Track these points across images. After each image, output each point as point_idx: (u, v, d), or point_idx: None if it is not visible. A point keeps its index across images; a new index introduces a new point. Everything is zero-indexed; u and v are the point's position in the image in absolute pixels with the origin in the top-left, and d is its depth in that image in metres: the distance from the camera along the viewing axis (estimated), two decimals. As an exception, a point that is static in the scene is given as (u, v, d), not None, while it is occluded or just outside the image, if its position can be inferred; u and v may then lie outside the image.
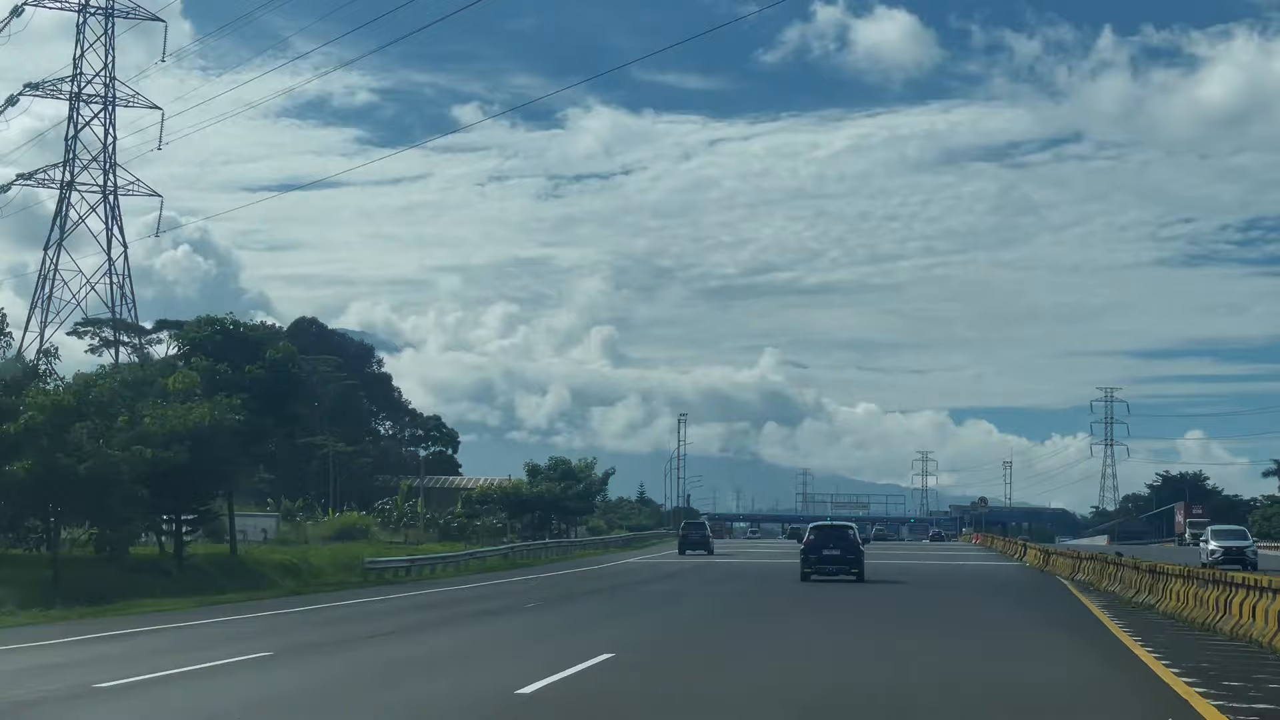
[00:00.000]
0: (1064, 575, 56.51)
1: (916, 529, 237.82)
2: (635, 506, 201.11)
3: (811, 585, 49.00)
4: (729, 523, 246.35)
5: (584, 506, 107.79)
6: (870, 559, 56.51)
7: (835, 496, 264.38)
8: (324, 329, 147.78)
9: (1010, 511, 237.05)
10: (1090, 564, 51.10)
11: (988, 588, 50.45)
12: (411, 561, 57.46)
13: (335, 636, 27.53)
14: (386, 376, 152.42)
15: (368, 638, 27.09)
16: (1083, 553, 57.99)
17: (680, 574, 60.99)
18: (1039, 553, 71.49)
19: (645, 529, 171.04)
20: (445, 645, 25.48)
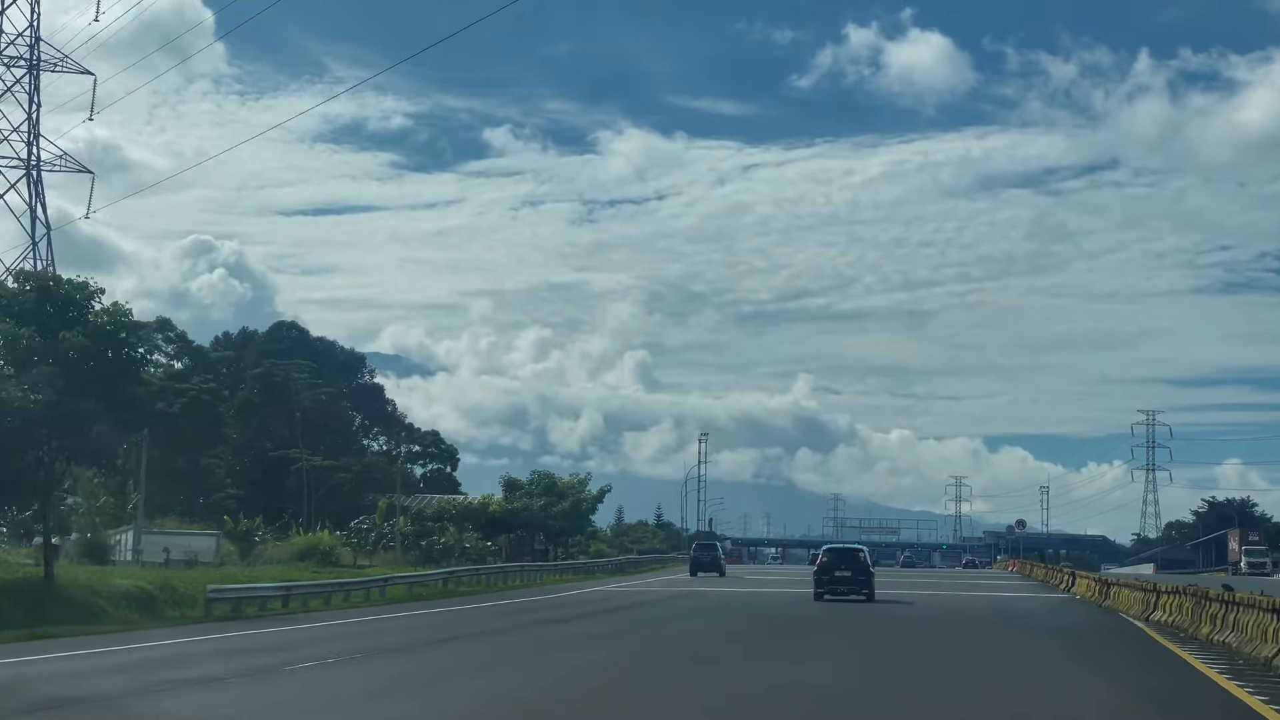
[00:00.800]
0: (1133, 614, 42.64)
1: (949, 555, 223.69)
2: (651, 529, 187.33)
3: (795, 626, 37.27)
4: (754, 548, 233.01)
5: (572, 526, 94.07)
6: (892, 588, 54.83)
7: (864, 521, 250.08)
8: (305, 334, 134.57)
9: (1047, 538, 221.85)
10: (1176, 600, 37.01)
11: (1036, 631, 36.73)
12: (286, 591, 43.84)
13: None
14: (378, 388, 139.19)
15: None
16: (1160, 584, 43.81)
17: (648, 605, 48.32)
18: (1092, 582, 57.45)
19: (656, 552, 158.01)
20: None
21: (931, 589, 67.75)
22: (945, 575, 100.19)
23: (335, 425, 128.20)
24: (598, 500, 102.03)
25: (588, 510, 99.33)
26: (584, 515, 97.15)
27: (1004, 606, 51.15)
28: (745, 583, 73.88)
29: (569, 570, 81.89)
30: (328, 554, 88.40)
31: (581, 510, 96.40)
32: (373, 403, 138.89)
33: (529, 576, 72.55)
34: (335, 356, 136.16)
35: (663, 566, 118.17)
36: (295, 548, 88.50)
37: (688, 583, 71.17)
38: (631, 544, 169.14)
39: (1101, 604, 50.29)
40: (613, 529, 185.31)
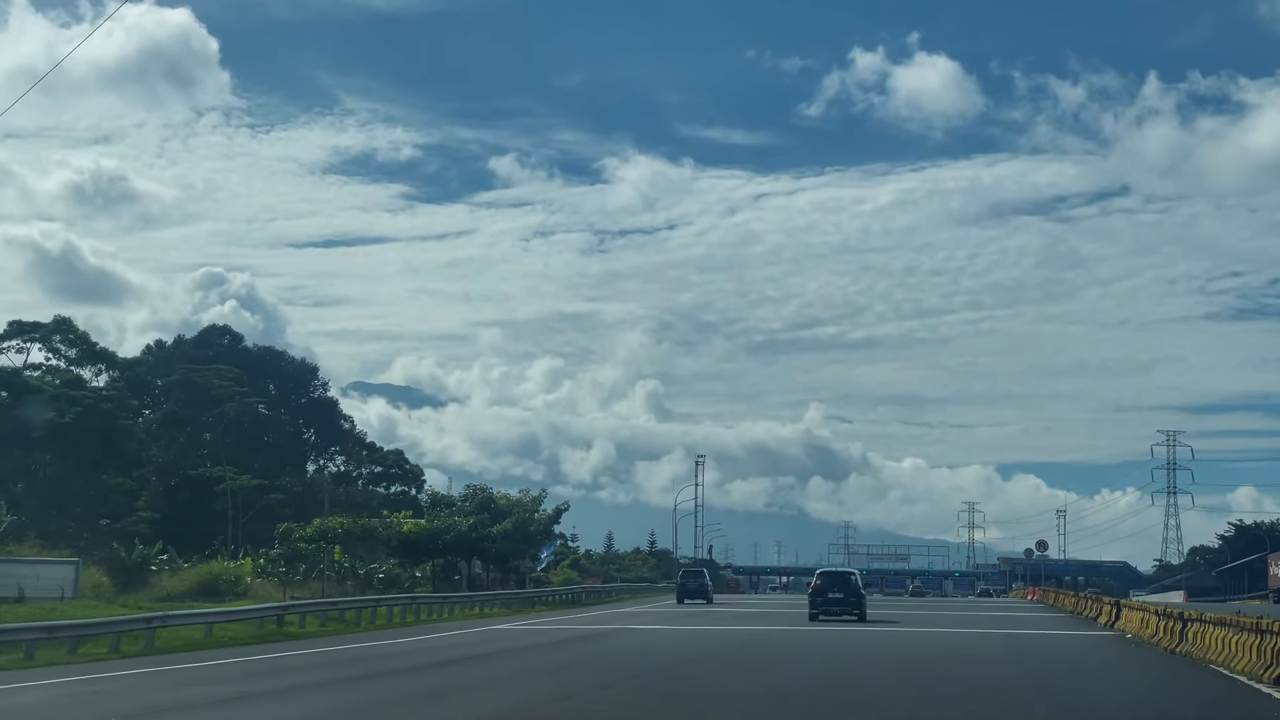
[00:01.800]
0: (1239, 670, 26.46)
1: (962, 583, 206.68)
2: (642, 557, 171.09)
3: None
4: (757, 576, 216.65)
5: (515, 549, 77.86)
6: (890, 623, 50.10)
7: (871, 548, 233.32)
8: (238, 339, 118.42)
9: (1065, 565, 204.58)
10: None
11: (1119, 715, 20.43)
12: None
13: None
14: (330, 403, 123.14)
15: None
16: (1270, 621, 27.26)
17: (518, 654, 32.48)
18: (1150, 616, 41.05)
19: (645, 580, 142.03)
20: None
21: (936, 623, 51.63)
22: (957, 606, 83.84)
23: (275, 441, 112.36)
24: (553, 520, 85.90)
25: (540, 531, 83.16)
26: (533, 537, 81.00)
27: (1034, 654, 34.78)
28: (718, 617, 58.04)
29: (496, 602, 65.70)
30: (235, 584, 73.15)
31: (530, 532, 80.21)
32: (325, 418, 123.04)
33: (432, 610, 56.39)
34: (282, 367, 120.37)
35: (635, 596, 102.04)
36: (194, 578, 73.35)
37: (637, 618, 55.78)
38: (617, 571, 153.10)
39: (1175, 649, 34.02)
40: (601, 556, 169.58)
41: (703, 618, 56.73)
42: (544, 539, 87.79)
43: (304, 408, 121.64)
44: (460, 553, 73.66)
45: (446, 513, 74.85)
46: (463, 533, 71.38)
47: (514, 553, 78.31)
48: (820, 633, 43.21)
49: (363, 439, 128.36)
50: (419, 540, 70.21)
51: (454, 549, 72.37)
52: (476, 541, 72.56)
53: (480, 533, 72.56)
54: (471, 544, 72.48)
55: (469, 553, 73.98)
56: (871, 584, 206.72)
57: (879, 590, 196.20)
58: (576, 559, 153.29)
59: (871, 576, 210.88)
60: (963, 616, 61.87)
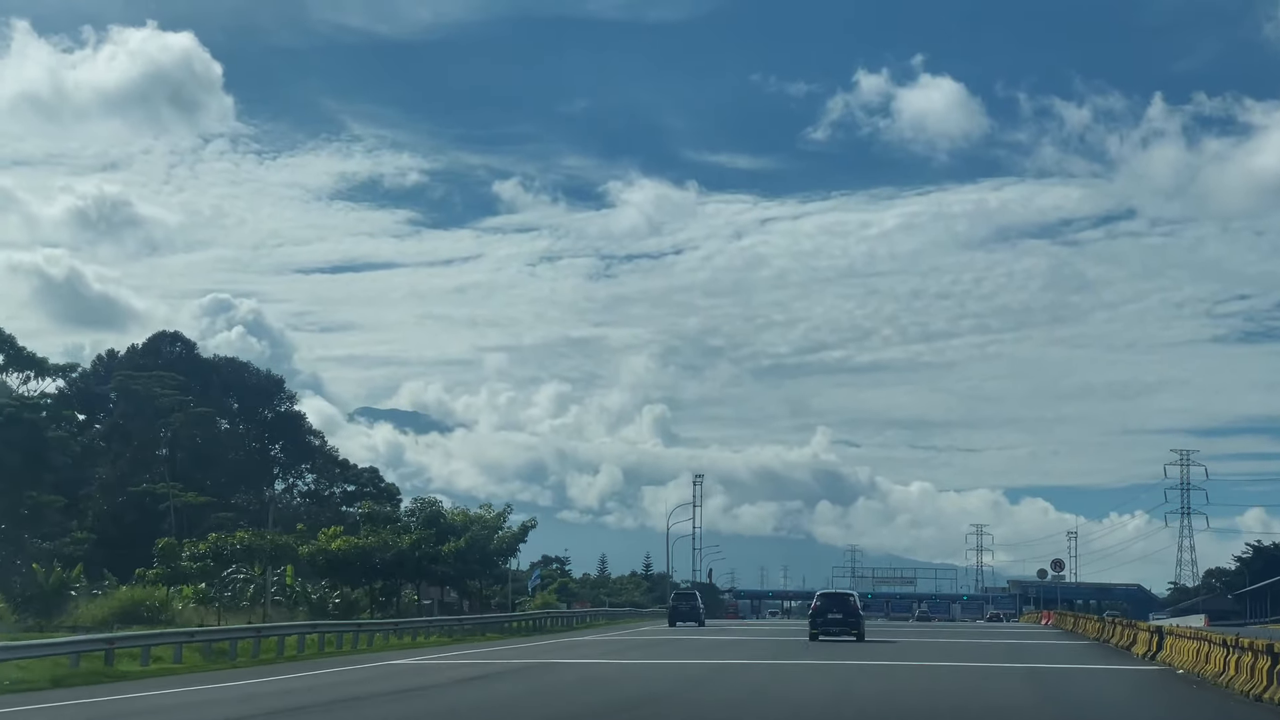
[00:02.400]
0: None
1: (970, 607, 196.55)
2: (634, 581, 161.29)
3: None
4: (758, 600, 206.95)
5: (469, 570, 68.38)
6: (886, 653, 42.55)
7: (877, 571, 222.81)
8: (191, 347, 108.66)
9: (1077, 588, 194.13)
10: None
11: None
12: None
13: None
14: (297, 417, 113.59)
15: None
16: None
17: (370, 702, 23.54)
18: (1210, 648, 31.33)
19: (633, 605, 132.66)
20: None
21: (940, 653, 42.04)
22: (966, 632, 73.95)
23: (234, 457, 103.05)
24: (519, 538, 76.30)
25: (502, 550, 73.72)
26: (491, 557, 71.57)
27: (1075, 706, 25.14)
28: (690, 645, 48.62)
29: (435, 629, 56.10)
30: (159, 610, 63.64)
31: (489, 551, 70.73)
32: (292, 434, 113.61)
33: (343, 640, 46.82)
34: (245, 379, 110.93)
35: (616, 621, 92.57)
36: (114, 605, 63.96)
37: (586, 648, 46.42)
38: (606, 596, 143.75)
39: (1265, 695, 24.37)
40: (592, 580, 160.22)
41: (672, 646, 47.28)
42: (507, 558, 78.51)
43: (270, 423, 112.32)
44: (404, 574, 64.06)
45: (390, 529, 65.19)
46: (403, 551, 61.69)
47: (469, 574, 68.81)
48: (789, 669, 33.71)
49: (334, 455, 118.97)
50: (348, 560, 60.50)
51: (395, 570, 62.70)
52: (421, 562, 62.88)
53: (424, 551, 62.88)
54: (416, 565, 62.81)
55: (414, 574, 64.37)
56: (876, 608, 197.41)
57: (884, 615, 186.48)
58: (565, 583, 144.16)
59: (877, 600, 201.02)
60: (973, 645, 52.12)
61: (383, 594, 64.74)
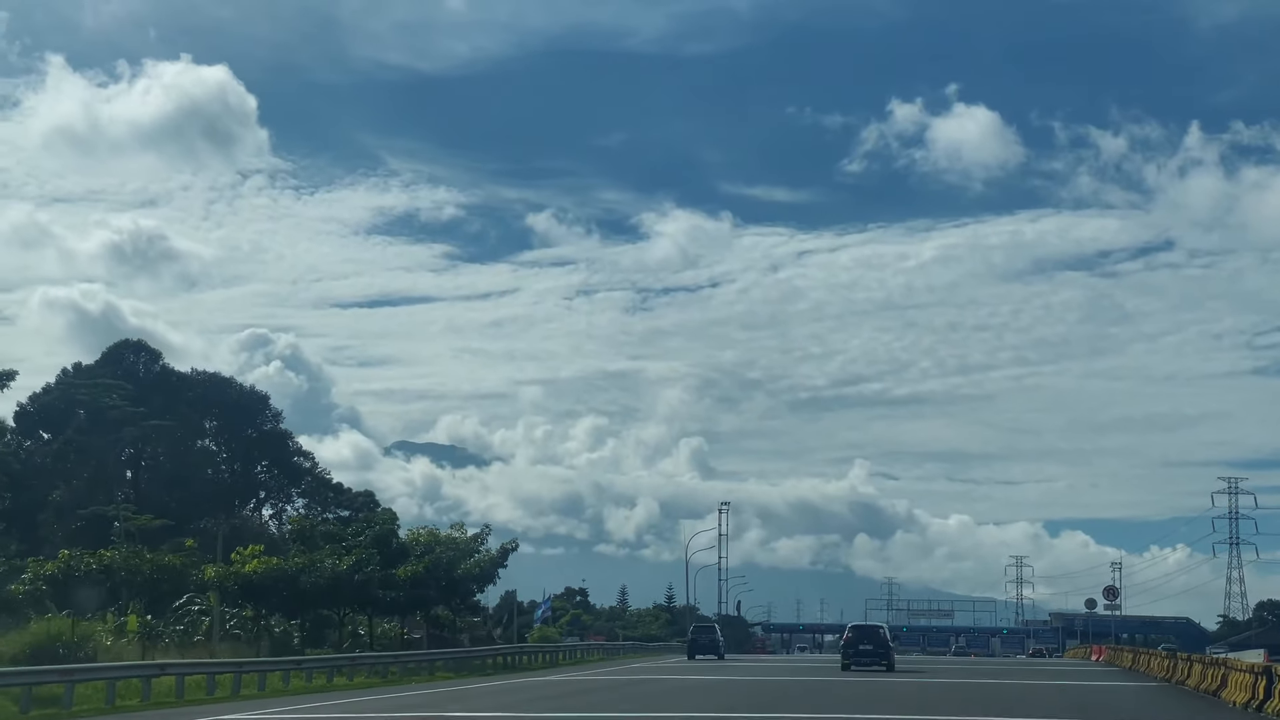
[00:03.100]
0: None
1: (1010, 641, 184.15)
2: (652, 614, 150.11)
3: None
4: (789, 633, 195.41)
5: (427, 597, 57.79)
6: (919, 697, 35.00)
7: (913, 604, 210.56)
8: (156, 357, 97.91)
9: (1122, 621, 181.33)
10: None
11: None
12: None
13: None
14: (282, 436, 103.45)
15: None
16: None
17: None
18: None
19: (653, 638, 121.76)
20: None
21: (982, 700, 31.32)
22: (1008, 669, 62.79)
23: (200, 477, 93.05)
24: (498, 562, 65.64)
25: (478, 575, 63.14)
26: (461, 583, 61.07)
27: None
28: (663, 691, 37.84)
29: (363, 668, 45.57)
30: (79, 645, 53.39)
31: (457, 576, 60.22)
32: (278, 454, 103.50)
33: (215, 684, 36.55)
34: (225, 395, 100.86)
35: (615, 657, 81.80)
36: (28, 639, 53.78)
37: (508, 694, 35.60)
38: (621, 629, 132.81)
39: None
40: (606, 612, 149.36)
41: (636, 690, 36.73)
42: (484, 584, 67.83)
43: (253, 442, 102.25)
44: (342, 602, 53.59)
45: (329, 549, 54.70)
46: (340, 575, 51.14)
47: (427, 601, 58.30)
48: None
49: (326, 478, 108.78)
50: (264, 585, 49.98)
51: (330, 597, 52.20)
52: (363, 587, 52.33)
53: (368, 575, 52.35)
54: (357, 590, 52.27)
55: (355, 601, 53.86)
56: (911, 642, 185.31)
57: (919, 649, 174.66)
58: (578, 615, 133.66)
59: (913, 634, 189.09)
60: (1019, 688, 41.15)
61: (321, 624, 54.31)
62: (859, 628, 59.19)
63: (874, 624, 66.11)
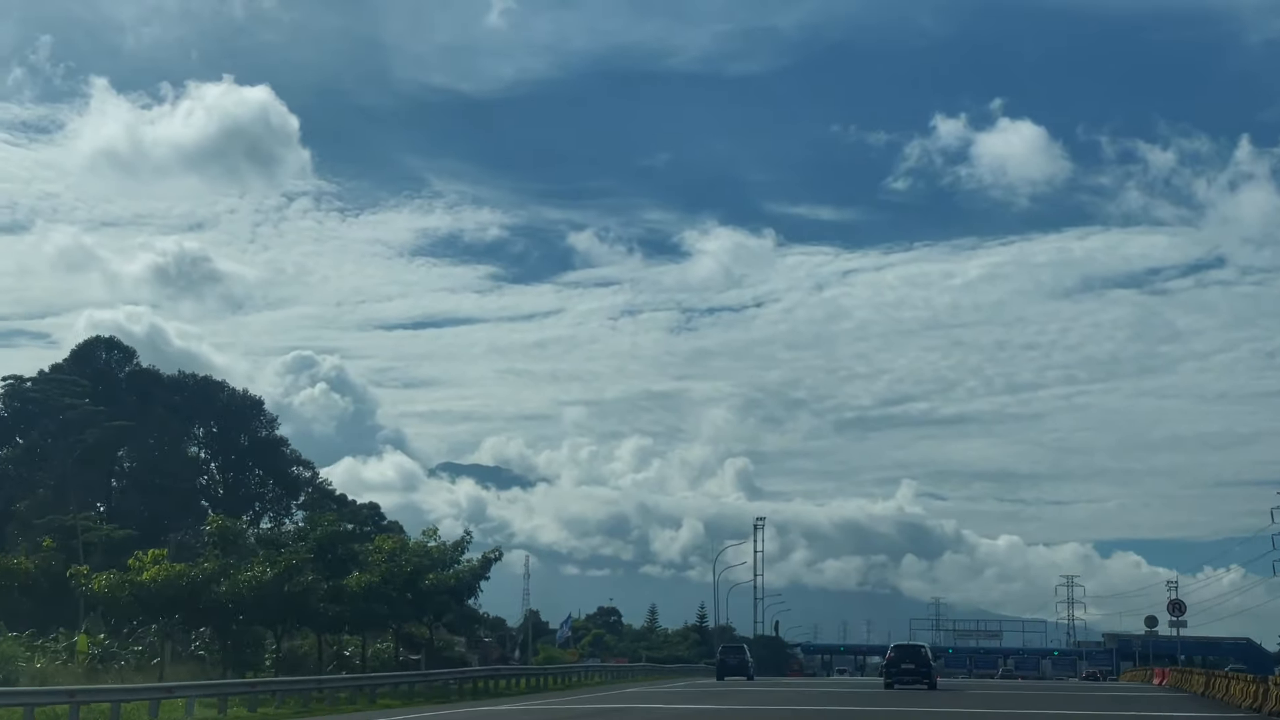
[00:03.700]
0: None
1: (1062, 663, 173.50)
2: (679, 634, 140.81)
3: None
4: (830, 655, 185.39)
5: (366, 613, 49.01)
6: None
7: (958, 624, 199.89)
8: (124, 356, 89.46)
9: (1180, 642, 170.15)
10: None
11: None
12: None
13: None
14: (276, 443, 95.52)
15: None
16: None
17: None
18: None
19: (678, 660, 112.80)
20: None
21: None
22: (1064, 697, 53.37)
23: (181, 486, 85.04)
24: (479, 574, 57.19)
25: (454, 588, 54.67)
26: (432, 596, 52.54)
27: None
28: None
29: (277, 694, 37.08)
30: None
31: (425, 589, 51.72)
32: (274, 462, 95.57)
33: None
34: (217, 398, 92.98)
35: (622, 680, 72.83)
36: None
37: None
38: (645, 649, 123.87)
39: None
40: (633, 632, 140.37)
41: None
42: (462, 597, 59.32)
43: (246, 449, 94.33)
44: (271, 615, 45.03)
45: (265, 555, 46.17)
46: (264, 585, 42.59)
47: (385, 616, 49.70)
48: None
49: (328, 489, 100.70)
50: (166, 595, 41.48)
51: (255, 609, 43.65)
52: (298, 599, 43.79)
53: (301, 584, 43.81)
54: (289, 602, 43.72)
55: (287, 615, 45.30)
56: (957, 664, 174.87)
57: (965, 671, 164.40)
58: (599, 635, 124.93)
59: (959, 656, 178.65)
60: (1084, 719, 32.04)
61: (241, 642, 45.84)
62: (901, 647, 61.50)
63: (916, 644, 67.06)
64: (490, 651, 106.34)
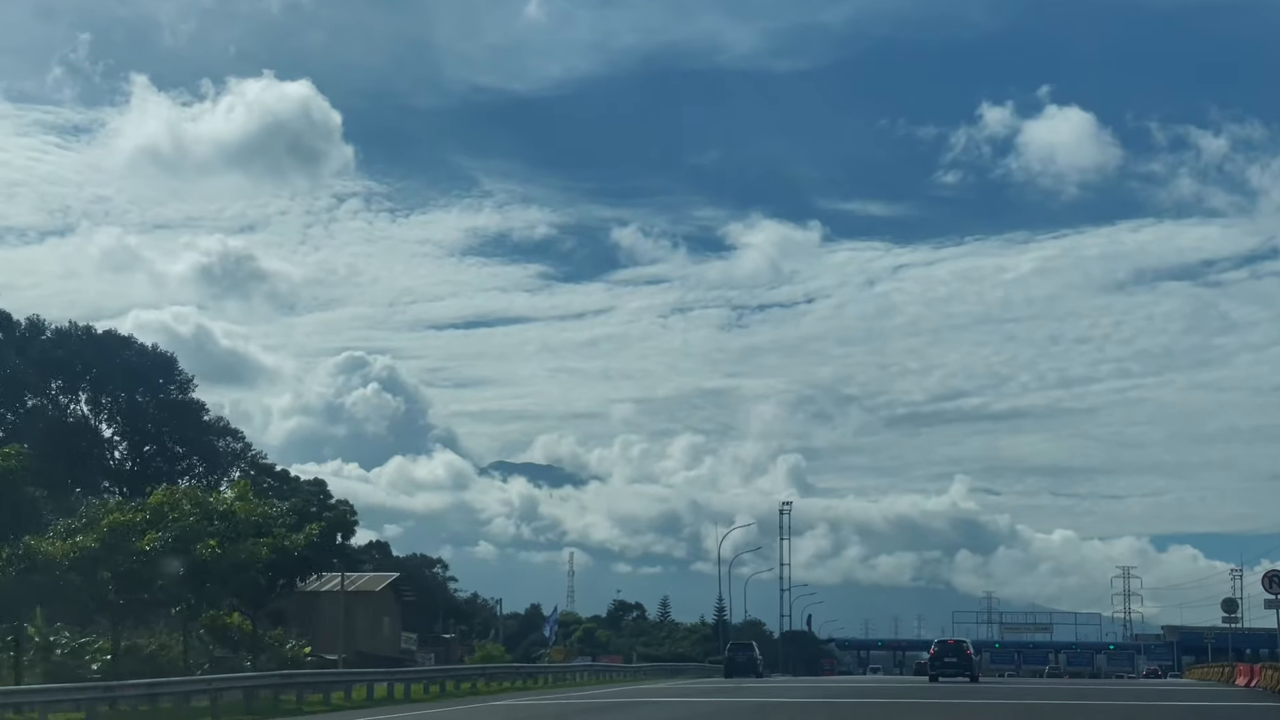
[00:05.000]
0: None
1: (1118, 659, 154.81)
2: (685, 630, 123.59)
3: None
4: (867, 651, 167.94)
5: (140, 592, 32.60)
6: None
7: (1006, 617, 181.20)
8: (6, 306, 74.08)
9: (1248, 635, 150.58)
10: None
11: None
12: None
13: None
14: (193, 407, 79.54)
15: None
16: None
17: None
18: None
19: (678, 659, 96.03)
20: None
21: None
22: (1136, 709, 35.40)
23: (74, 452, 69.23)
24: (325, 540, 40.81)
25: (269, 563, 38.10)
26: (245, 569, 36.13)
27: None
28: None
29: None
30: None
31: (242, 561, 35.24)
32: (189, 431, 79.58)
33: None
34: (113, 356, 77.10)
35: (564, 683, 55.95)
36: None
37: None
38: (644, 646, 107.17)
39: None
40: (633, 625, 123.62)
41: None
42: (299, 575, 42.83)
43: (151, 415, 78.43)
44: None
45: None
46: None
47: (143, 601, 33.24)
48: None
49: (263, 463, 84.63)
50: None
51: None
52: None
53: None
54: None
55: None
56: (1004, 660, 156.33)
57: (1013, 668, 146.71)
58: (591, 629, 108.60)
59: (1006, 650, 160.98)
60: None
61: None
62: (944, 644, 62.89)
63: (958, 639, 70.28)
64: (455, 650, 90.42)
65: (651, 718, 30.73)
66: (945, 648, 60.98)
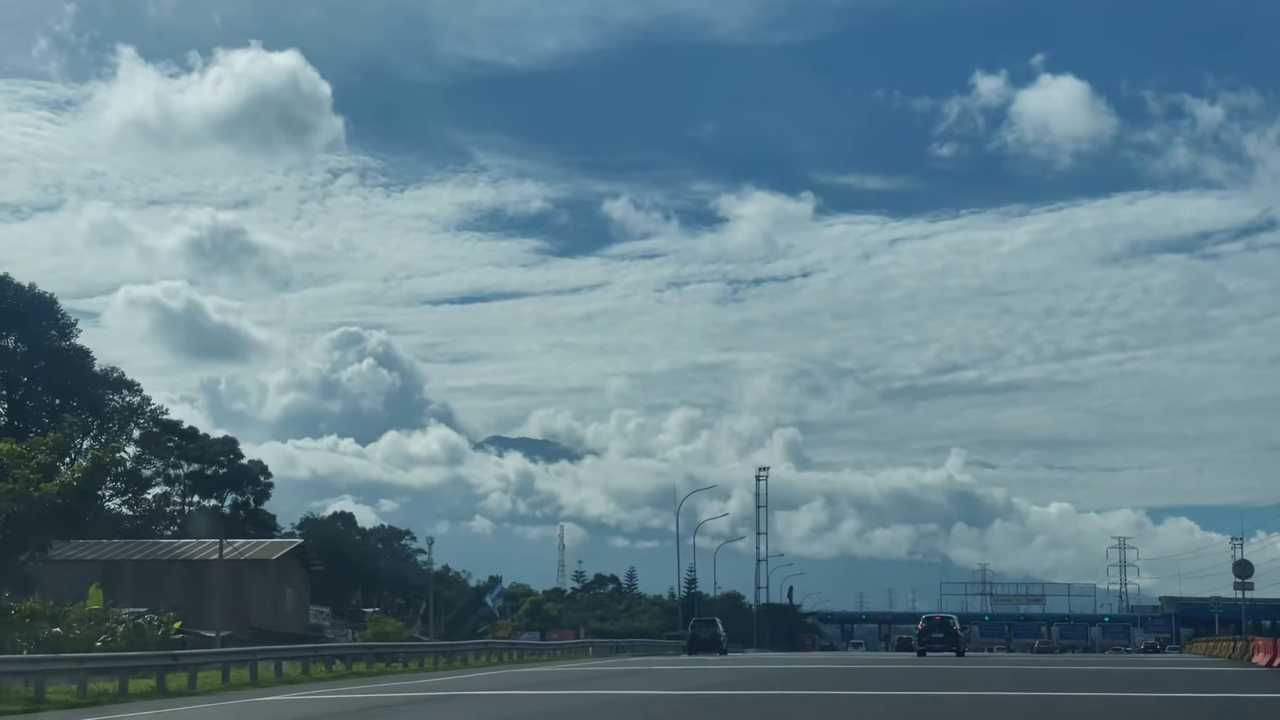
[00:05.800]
0: None
1: (1114, 631, 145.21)
2: (646, 602, 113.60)
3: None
4: (851, 624, 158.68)
5: None
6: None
7: (998, 590, 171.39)
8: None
9: (1250, 606, 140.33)
10: None
11: None
12: None
13: None
14: (78, 354, 69.68)
15: None
16: None
17: None
18: None
19: (638, 633, 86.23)
20: None
21: None
22: (1138, 701, 24.70)
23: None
24: (79, 494, 30.40)
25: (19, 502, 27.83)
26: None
27: None
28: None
29: None
30: None
31: None
32: (76, 382, 69.64)
33: None
34: None
35: (450, 663, 46.12)
36: None
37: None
38: (598, 621, 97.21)
39: None
40: (588, 599, 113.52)
41: None
42: (55, 533, 32.63)
43: (32, 363, 68.50)
44: None
45: None
46: None
47: None
48: None
49: (165, 419, 74.67)
50: None
51: None
52: None
53: None
54: None
55: None
56: (993, 633, 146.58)
57: (1003, 642, 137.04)
58: (539, 602, 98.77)
59: (997, 623, 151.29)
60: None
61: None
62: (932, 620, 64.05)
63: (946, 615, 72.09)
64: (387, 628, 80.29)
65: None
66: (933, 624, 62.33)
